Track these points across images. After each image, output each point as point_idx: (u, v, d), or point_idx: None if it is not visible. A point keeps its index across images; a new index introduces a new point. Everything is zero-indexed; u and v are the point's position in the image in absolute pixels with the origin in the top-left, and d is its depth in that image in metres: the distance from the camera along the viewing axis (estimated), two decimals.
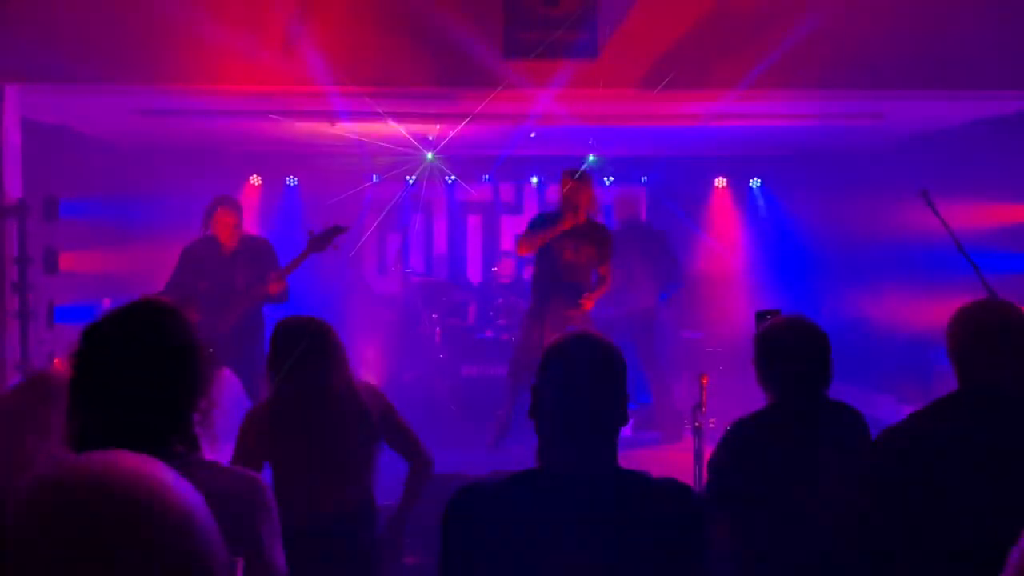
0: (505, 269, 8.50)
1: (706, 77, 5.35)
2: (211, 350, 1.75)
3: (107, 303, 6.95)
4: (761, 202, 9.19)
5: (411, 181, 8.96)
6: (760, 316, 2.99)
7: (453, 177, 9.04)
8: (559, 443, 1.84)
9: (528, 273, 7.43)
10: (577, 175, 5.73)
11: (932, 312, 6.71)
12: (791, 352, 2.72)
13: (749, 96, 5.66)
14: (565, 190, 5.70)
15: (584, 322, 5.64)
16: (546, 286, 5.81)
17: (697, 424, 4.16)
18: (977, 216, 5.98)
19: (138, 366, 1.63)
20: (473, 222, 9.41)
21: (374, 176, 8.92)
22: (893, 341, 7.26)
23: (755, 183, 9.18)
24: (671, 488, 1.83)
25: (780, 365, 2.73)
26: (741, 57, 5.27)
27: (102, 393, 1.62)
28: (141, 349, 1.64)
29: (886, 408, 7.08)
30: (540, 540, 1.73)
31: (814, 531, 2.57)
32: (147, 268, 6.54)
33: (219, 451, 1.86)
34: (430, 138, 7.66)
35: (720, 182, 9.22)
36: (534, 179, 9.25)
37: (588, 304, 5.70)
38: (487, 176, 9.06)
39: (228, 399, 4.78)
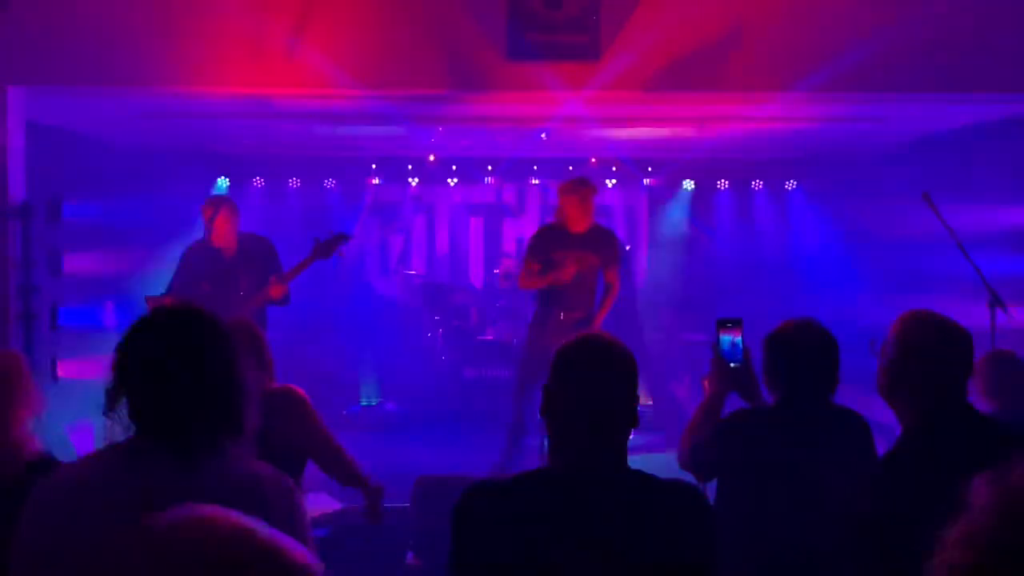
0: (507, 271, 8.50)
1: (708, 80, 5.36)
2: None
3: (110, 306, 6.96)
4: (764, 204, 9.19)
5: (413, 183, 8.97)
6: (720, 323, 2.98)
7: (455, 179, 9.04)
8: (569, 443, 1.85)
9: None
10: (568, 188, 5.65)
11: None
12: (798, 354, 2.73)
13: (751, 99, 5.68)
14: (561, 205, 5.67)
15: (589, 326, 5.63)
16: (550, 295, 5.79)
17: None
18: (981, 219, 5.98)
19: (182, 358, 1.74)
20: (475, 224, 9.42)
21: (375, 179, 8.94)
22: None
23: (757, 185, 9.19)
24: (679, 489, 1.85)
25: (786, 366, 2.74)
26: (743, 60, 5.28)
27: (146, 380, 1.72)
28: (187, 343, 1.76)
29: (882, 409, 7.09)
30: (548, 540, 1.74)
31: (806, 531, 2.57)
32: (150, 270, 6.54)
33: None
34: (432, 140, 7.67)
35: (722, 184, 9.22)
36: (535, 180, 9.26)
37: (599, 322, 5.71)
38: (489, 178, 9.07)
39: None
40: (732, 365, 2.93)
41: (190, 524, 0.95)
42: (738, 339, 2.95)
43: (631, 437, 1.88)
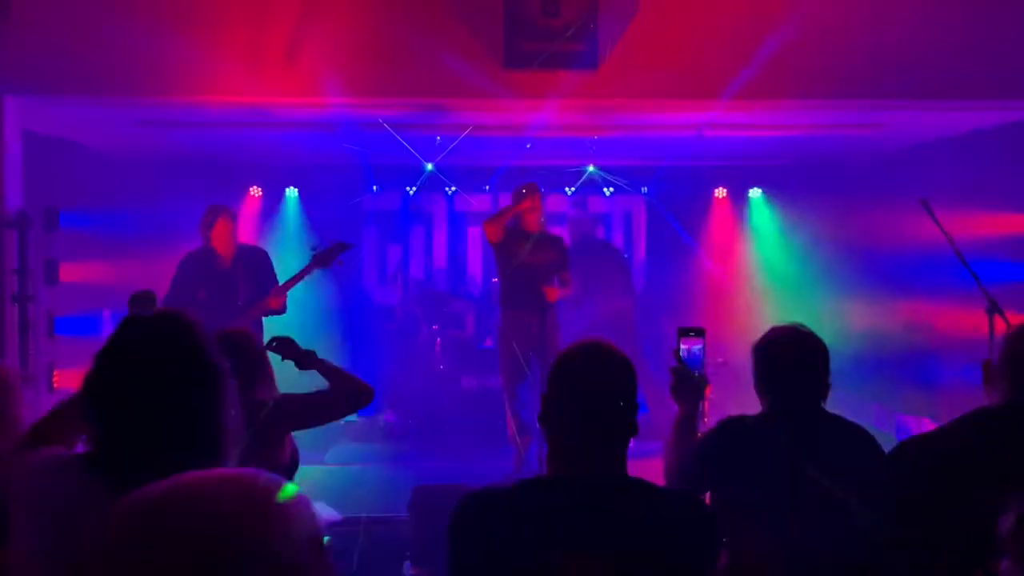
0: None
1: (706, 87, 5.36)
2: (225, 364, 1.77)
3: (107, 315, 6.94)
4: (761, 212, 9.18)
5: (411, 192, 8.97)
6: (682, 332, 2.96)
7: (453, 188, 9.05)
8: (568, 450, 1.85)
9: None
10: (526, 190, 6.12)
11: (933, 322, 6.73)
12: (788, 360, 2.71)
13: (748, 107, 5.68)
14: (521, 206, 6.08)
15: (552, 328, 5.90)
16: (510, 296, 6.11)
17: (699, 435, 4.15)
18: (978, 225, 5.98)
19: (162, 374, 1.67)
20: (473, 233, 9.41)
21: (374, 187, 8.94)
22: (893, 351, 7.25)
23: (755, 193, 9.18)
24: (679, 496, 1.84)
25: (776, 372, 2.73)
26: (741, 68, 5.28)
27: (125, 399, 1.66)
28: (165, 357, 1.69)
29: (881, 418, 7.08)
30: (547, 548, 1.73)
31: (802, 538, 2.56)
32: (147, 279, 6.52)
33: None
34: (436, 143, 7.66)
35: (720, 192, 9.21)
36: None
37: (552, 294, 5.91)
38: (487, 187, 9.07)
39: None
40: (695, 374, 2.91)
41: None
42: (699, 348, 2.91)
43: (630, 445, 1.87)
